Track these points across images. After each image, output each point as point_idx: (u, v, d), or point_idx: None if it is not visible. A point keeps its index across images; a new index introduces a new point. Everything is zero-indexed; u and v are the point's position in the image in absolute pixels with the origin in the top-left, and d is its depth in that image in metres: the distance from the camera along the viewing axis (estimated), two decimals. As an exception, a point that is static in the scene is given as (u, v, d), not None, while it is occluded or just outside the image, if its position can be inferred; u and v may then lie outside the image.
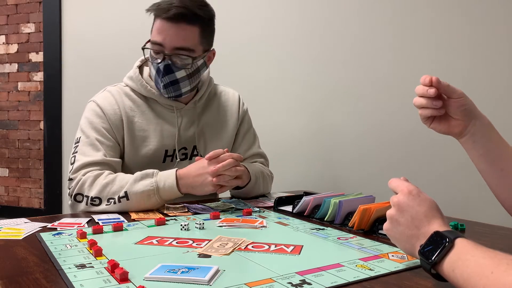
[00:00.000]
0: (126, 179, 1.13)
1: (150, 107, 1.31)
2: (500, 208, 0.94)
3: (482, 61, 1.69)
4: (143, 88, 1.29)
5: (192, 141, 1.34)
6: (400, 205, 0.68)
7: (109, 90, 1.32)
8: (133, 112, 1.28)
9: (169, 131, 1.31)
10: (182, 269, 0.67)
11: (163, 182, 1.12)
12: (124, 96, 1.30)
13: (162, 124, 1.30)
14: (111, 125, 1.25)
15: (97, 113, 1.26)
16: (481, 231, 0.97)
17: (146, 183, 1.12)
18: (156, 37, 1.20)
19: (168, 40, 1.20)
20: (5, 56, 3.00)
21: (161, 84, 1.24)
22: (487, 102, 1.68)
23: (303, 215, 1.07)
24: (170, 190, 1.13)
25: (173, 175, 1.14)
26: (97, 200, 1.13)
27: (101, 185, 1.13)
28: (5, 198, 3.03)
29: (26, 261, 0.72)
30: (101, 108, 1.26)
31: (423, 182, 1.75)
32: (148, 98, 1.31)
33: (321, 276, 0.66)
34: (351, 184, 1.90)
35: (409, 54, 1.81)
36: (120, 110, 1.27)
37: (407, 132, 1.82)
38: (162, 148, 1.30)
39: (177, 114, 1.32)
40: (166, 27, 1.19)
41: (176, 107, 1.32)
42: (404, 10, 1.81)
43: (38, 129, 2.93)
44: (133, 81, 1.30)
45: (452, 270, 0.57)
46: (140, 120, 1.29)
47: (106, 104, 1.27)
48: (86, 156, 1.19)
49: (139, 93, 1.30)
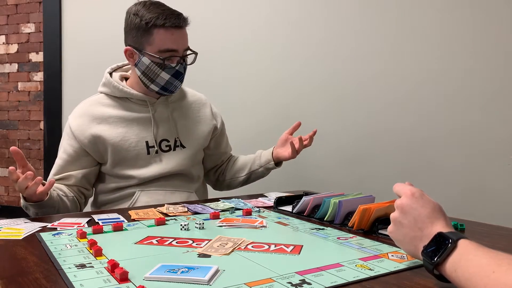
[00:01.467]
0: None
1: (123, 106, 1.38)
2: (500, 208, 0.95)
3: (482, 61, 1.69)
4: (116, 89, 1.36)
5: (172, 133, 1.41)
6: (403, 207, 0.68)
7: (81, 107, 1.40)
8: (105, 116, 1.35)
9: (144, 125, 1.37)
10: (182, 269, 0.67)
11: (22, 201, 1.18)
12: (97, 105, 1.38)
13: (137, 120, 1.37)
14: (80, 142, 1.33)
15: (67, 133, 1.37)
16: (481, 231, 0.97)
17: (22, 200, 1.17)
18: (169, 45, 1.29)
19: (181, 45, 1.32)
20: (5, 56, 3.00)
21: (180, 83, 1.36)
22: (486, 101, 1.68)
23: (303, 215, 1.08)
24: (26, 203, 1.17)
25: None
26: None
27: None
28: (5, 198, 3.03)
29: (26, 261, 0.72)
30: (70, 127, 1.36)
31: (423, 182, 1.76)
32: (121, 98, 1.38)
33: (320, 276, 0.66)
34: (351, 184, 1.90)
35: (410, 54, 1.81)
36: (90, 123, 1.34)
37: (407, 132, 1.82)
38: (142, 141, 1.36)
39: (150, 108, 1.38)
40: (177, 34, 1.30)
41: (149, 101, 1.39)
42: (400, 11, 1.81)
43: (38, 129, 2.93)
44: (107, 86, 1.39)
45: (454, 270, 0.57)
46: (116, 120, 1.35)
47: (76, 122, 1.36)
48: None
49: (113, 95, 1.38)
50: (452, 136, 1.74)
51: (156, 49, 1.29)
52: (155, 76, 1.32)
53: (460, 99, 1.72)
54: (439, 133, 1.76)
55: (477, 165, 1.69)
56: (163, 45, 1.28)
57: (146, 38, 1.29)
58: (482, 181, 1.69)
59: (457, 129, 1.73)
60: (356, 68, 1.92)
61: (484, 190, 1.68)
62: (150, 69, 1.31)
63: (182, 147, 1.41)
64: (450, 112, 1.74)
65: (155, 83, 1.33)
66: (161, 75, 1.31)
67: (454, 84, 1.74)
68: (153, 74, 1.32)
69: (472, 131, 1.70)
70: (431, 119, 1.77)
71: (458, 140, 1.73)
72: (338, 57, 1.95)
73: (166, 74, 1.31)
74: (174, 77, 1.33)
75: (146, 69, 1.32)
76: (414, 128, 1.81)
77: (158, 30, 1.27)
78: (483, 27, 1.68)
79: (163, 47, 1.28)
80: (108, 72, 1.42)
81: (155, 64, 1.30)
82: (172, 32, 1.28)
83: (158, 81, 1.33)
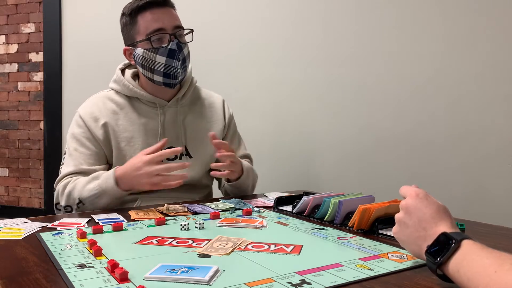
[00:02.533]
0: (80, 185, 1.19)
1: (133, 107, 1.34)
2: (500, 208, 0.95)
3: (483, 62, 1.69)
4: (126, 88, 1.32)
5: (180, 141, 1.35)
6: (408, 208, 0.68)
7: (90, 99, 1.36)
8: (116, 116, 1.32)
9: (152, 130, 1.33)
10: (182, 269, 0.67)
11: (105, 184, 1.16)
12: (107, 100, 1.34)
13: (145, 124, 1.33)
14: (92, 133, 1.29)
15: (78, 124, 1.31)
16: (481, 231, 0.97)
17: (91, 187, 1.17)
18: (154, 25, 1.25)
19: (167, 22, 1.26)
20: (5, 56, 3.00)
21: (178, 63, 1.27)
22: (486, 102, 1.68)
23: (303, 215, 1.07)
24: (112, 191, 1.16)
25: (111, 176, 1.16)
26: (69, 208, 1.21)
27: (66, 194, 1.20)
28: (5, 198, 3.03)
29: (26, 261, 0.72)
30: (82, 118, 1.30)
31: (423, 182, 1.75)
32: (131, 98, 1.34)
33: (320, 276, 0.66)
34: (351, 184, 1.90)
35: (412, 55, 1.81)
36: (102, 115, 1.30)
37: (407, 132, 1.82)
38: (147, 147, 1.28)
39: (159, 111, 1.34)
40: (159, 12, 1.26)
41: (159, 104, 1.34)
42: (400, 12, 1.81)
43: (38, 129, 2.93)
44: (117, 83, 1.34)
45: (457, 270, 0.57)
46: (124, 122, 1.31)
47: (87, 112, 1.31)
48: (64, 168, 1.27)
49: (123, 94, 1.34)
50: (453, 136, 1.74)
51: (144, 35, 1.26)
52: (152, 63, 1.27)
53: (460, 100, 1.72)
54: (440, 133, 1.76)
55: (477, 165, 1.69)
56: (148, 28, 1.26)
57: (134, 30, 1.28)
58: (482, 181, 1.69)
59: (457, 129, 1.73)
60: (357, 69, 1.92)
61: (484, 190, 1.68)
62: (146, 58, 1.27)
63: (189, 157, 1.36)
64: (451, 113, 1.74)
65: (156, 72, 1.27)
66: (157, 59, 1.26)
67: (455, 85, 1.74)
68: (150, 62, 1.27)
69: (472, 131, 1.70)
70: (432, 120, 1.77)
71: (459, 141, 1.73)
72: (337, 59, 1.95)
73: (161, 56, 1.26)
74: (170, 58, 1.26)
75: (142, 60, 1.28)
76: (415, 128, 1.81)
77: (140, 15, 1.26)
78: (484, 29, 1.68)
79: (149, 29, 1.26)
80: (120, 68, 1.38)
81: (147, 51, 1.26)
82: (153, 12, 1.25)
83: (157, 68, 1.26)
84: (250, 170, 1.40)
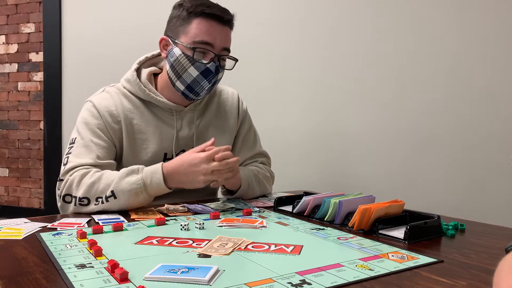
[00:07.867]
0: (112, 177, 1.11)
1: (148, 109, 1.28)
2: (500, 208, 0.95)
3: (483, 61, 1.69)
4: (141, 91, 1.26)
5: (191, 143, 1.31)
6: None
7: (107, 90, 1.29)
8: (132, 114, 1.25)
9: (167, 134, 1.28)
10: (182, 269, 0.67)
11: (149, 179, 1.11)
12: (122, 97, 1.27)
13: (161, 127, 1.28)
14: (107, 127, 1.23)
15: (93, 114, 1.23)
16: (481, 231, 0.97)
17: (133, 180, 1.10)
18: (206, 37, 1.19)
19: (219, 41, 1.20)
20: (5, 56, 3.00)
21: (208, 85, 1.23)
22: (486, 102, 1.68)
23: (303, 215, 1.07)
24: (157, 186, 1.11)
25: (159, 171, 1.11)
26: (85, 200, 1.11)
27: (87, 184, 1.10)
28: (5, 198, 3.03)
29: (26, 261, 0.72)
30: (97, 109, 1.23)
31: (424, 182, 1.76)
32: (145, 100, 1.28)
33: (321, 276, 0.66)
34: (351, 184, 1.91)
35: (411, 53, 1.81)
36: (118, 112, 1.24)
37: (407, 132, 1.82)
38: (161, 151, 1.27)
39: (176, 117, 1.29)
40: (216, 28, 1.20)
41: (176, 110, 1.29)
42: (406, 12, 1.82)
43: (38, 129, 2.93)
44: (131, 84, 1.27)
45: None
46: (139, 122, 1.26)
47: (103, 105, 1.24)
48: (79, 158, 1.17)
49: (137, 96, 1.28)
50: (452, 136, 1.74)
51: (191, 39, 1.19)
52: (182, 70, 1.21)
53: (460, 99, 1.72)
54: (440, 133, 1.76)
55: (477, 165, 1.69)
56: (198, 36, 1.19)
57: (183, 28, 1.20)
58: (482, 181, 1.69)
59: (457, 129, 1.73)
60: (354, 68, 1.92)
61: (484, 190, 1.68)
62: (179, 61, 1.21)
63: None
64: (451, 113, 1.74)
65: (181, 79, 1.22)
66: (189, 70, 1.20)
67: (455, 84, 1.74)
68: (181, 68, 1.21)
69: (472, 131, 1.70)
70: (431, 120, 1.77)
71: (458, 140, 1.73)
72: (333, 56, 1.95)
73: (195, 70, 1.20)
74: (202, 76, 1.20)
75: (175, 61, 1.21)
76: (415, 128, 1.81)
77: (197, 19, 1.19)
78: (485, 27, 1.68)
79: (198, 38, 1.18)
80: (135, 68, 1.29)
81: (185, 57, 1.20)
82: (211, 24, 1.19)
83: (185, 77, 1.21)
84: (253, 180, 1.31)
